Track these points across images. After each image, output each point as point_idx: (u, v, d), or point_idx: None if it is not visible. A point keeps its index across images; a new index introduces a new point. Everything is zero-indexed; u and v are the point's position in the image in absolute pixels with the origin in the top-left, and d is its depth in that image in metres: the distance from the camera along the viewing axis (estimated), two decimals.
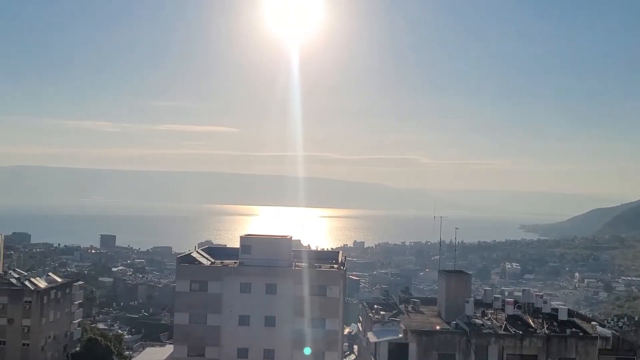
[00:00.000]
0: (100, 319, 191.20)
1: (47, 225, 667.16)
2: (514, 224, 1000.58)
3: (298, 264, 76.72)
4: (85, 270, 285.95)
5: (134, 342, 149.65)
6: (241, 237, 78.52)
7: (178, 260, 77.46)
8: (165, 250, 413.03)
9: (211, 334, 71.70)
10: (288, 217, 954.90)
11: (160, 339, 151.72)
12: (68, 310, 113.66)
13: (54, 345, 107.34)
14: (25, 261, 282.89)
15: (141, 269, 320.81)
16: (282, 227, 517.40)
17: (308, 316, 71.10)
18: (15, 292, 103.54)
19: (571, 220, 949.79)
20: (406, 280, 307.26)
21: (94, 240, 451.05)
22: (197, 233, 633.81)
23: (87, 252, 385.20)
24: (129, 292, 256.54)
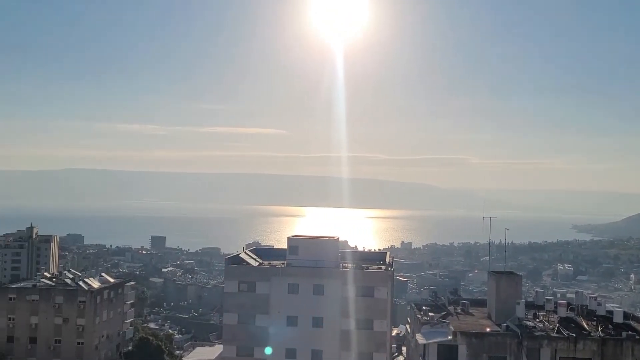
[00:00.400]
0: (151, 318, 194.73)
1: (99, 227, 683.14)
2: (566, 224, 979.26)
3: (345, 265, 76.53)
4: (136, 271, 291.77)
5: (184, 342, 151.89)
6: (288, 238, 78.66)
7: (226, 261, 78.10)
8: (214, 251, 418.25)
9: (259, 335, 71.85)
10: (334, 218, 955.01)
11: (209, 339, 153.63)
12: (120, 310, 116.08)
13: (107, 344, 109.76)
14: (79, 262, 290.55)
15: (190, 270, 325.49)
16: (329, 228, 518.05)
17: (356, 317, 70.78)
18: (70, 292, 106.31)
19: (625, 220, 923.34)
20: (455, 282, 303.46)
21: (145, 241, 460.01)
22: (245, 234, 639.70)
23: (138, 253, 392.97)
24: (179, 292, 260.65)
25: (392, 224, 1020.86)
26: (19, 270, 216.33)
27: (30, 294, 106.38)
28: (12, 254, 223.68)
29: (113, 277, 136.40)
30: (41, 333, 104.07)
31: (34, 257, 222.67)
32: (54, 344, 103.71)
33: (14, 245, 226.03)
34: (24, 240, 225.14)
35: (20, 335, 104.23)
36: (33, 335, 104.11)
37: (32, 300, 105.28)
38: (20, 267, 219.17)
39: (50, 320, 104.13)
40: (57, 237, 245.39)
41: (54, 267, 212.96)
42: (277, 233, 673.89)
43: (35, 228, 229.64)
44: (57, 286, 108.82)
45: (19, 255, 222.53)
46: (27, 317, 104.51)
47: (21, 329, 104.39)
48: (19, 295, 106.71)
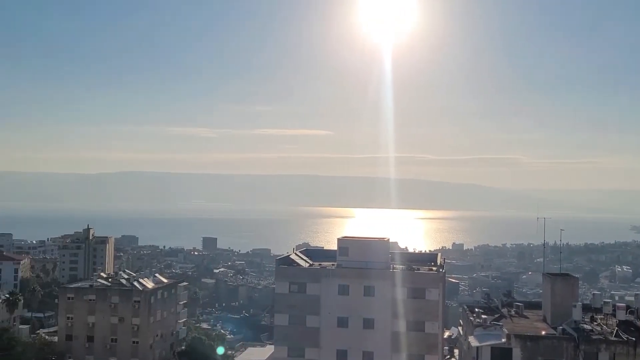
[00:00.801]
0: (203, 318, 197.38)
1: (152, 228, 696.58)
2: (625, 225, 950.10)
3: (396, 266, 76.07)
4: (188, 272, 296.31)
5: (235, 342, 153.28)
6: (338, 239, 78.58)
7: (277, 262, 78.55)
8: (264, 252, 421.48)
9: (310, 336, 72.12)
10: (383, 219, 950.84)
11: (260, 339, 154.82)
12: (174, 309, 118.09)
13: (161, 343, 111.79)
14: (134, 262, 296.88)
15: (241, 271, 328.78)
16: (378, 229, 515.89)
17: (407, 319, 70.28)
18: (125, 292, 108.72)
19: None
20: (508, 283, 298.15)
21: (197, 242, 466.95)
22: (295, 235, 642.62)
23: (190, 254, 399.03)
24: (230, 293, 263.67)
25: (443, 225, 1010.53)
26: (77, 271, 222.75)
27: (88, 293, 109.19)
28: (70, 254, 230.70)
29: (166, 277, 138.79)
30: (98, 332, 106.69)
31: (90, 258, 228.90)
32: (110, 342, 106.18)
33: (71, 246, 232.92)
34: (81, 242, 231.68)
35: (78, 333, 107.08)
36: (90, 334, 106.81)
37: (89, 300, 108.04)
38: (77, 268, 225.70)
39: (107, 320, 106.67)
40: (112, 238, 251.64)
41: (109, 268, 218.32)
42: (326, 234, 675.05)
43: (92, 230, 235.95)
44: (112, 286, 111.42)
45: (77, 256, 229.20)
46: (85, 316, 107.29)
47: (79, 327, 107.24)
48: (77, 295, 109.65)
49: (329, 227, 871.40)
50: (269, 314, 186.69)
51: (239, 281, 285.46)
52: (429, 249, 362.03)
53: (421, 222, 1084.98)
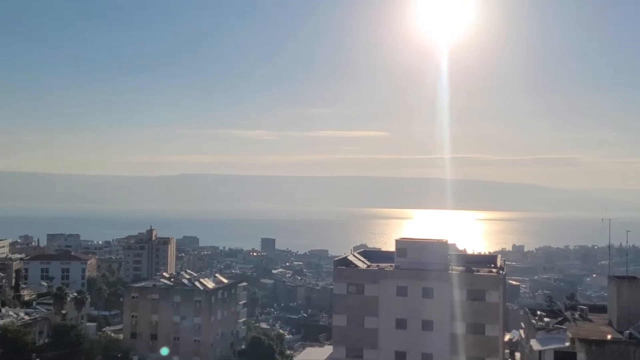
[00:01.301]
0: (262, 318, 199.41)
1: (213, 229, 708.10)
2: None
3: (455, 267, 75.38)
4: (247, 272, 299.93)
5: (294, 342, 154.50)
6: (396, 240, 78.34)
7: (335, 263, 78.81)
8: (322, 253, 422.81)
9: (369, 337, 72.21)
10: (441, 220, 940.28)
11: (319, 339, 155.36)
12: (234, 309, 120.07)
13: (221, 342, 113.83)
14: (195, 263, 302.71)
15: (299, 271, 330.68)
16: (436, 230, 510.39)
17: (467, 321, 69.60)
18: (187, 291, 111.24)
19: None
20: (571, 286, 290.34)
21: (256, 243, 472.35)
22: (352, 236, 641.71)
23: (249, 254, 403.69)
24: (289, 293, 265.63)
25: (502, 227, 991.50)
26: (140, 270, 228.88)
27: (151, 293, 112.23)
28: (134, 255, 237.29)
29: (226, 277, 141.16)
30: (161, 330, 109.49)
31: (153, 258, 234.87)
32: (172, 341, 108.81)
33: (135, 247, 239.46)
34: (144, 242, 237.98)
35: (142, 332, 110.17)
36: (154, 332, 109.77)
37: (152, 299, 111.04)
38: (141, 268, 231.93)
39: (169, 318, 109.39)
40: (174, 239, 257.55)
41: (171, 268, 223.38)
42: (383, 235, 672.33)
43: (155, 230, 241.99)
44: (175, 286, 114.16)
45: (140, 256, 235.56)
46: (149, 315, 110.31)
47: (143, 326, 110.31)
48: (141, 294, 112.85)
49: (386, 228, 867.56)
50: (327, 314, 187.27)
51: (297, 282, 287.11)
52: (488, 251, 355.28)
53: (480, 223, 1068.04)
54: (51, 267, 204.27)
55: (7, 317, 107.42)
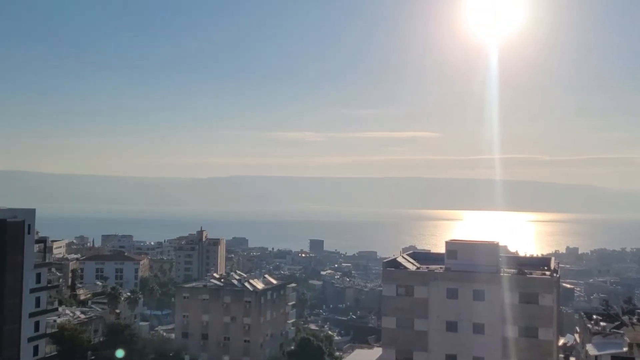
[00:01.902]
0: (311, 320, 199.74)
1: (262, 230, 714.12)
2: None
3: (506, 270, 73.98)
4: (296, 273, 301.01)
5: (343, 344, 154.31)
6: (446, 242, 77.47)
7: (384, 265, 78.33)
8: (371, 255, 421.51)
9: (418, 339, 71.47)
10: (493, 221, 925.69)
11: (368, 341, 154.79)
12: (283, 310, 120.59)
13: (271, 342, 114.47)
14: (244, 264, 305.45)
15: (348, 273, 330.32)
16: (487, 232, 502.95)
17: (519, 324, 68.19)
18: (237, 292, 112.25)
19: None
20: (628, 290, 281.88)
21: (304, 244, 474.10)
22: (401, 238, 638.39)
23: (298, 255, 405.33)
24: (337, 295, 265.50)
25: (556, 228, 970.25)
26: (191, 271, 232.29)
27: (202, 293, 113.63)
28: (184, 255, 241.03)
29: (275, 278, 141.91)
30: (212, 330, 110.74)
31: (203, 259, 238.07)
32: (223, 341, 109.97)
33: (186, 247, 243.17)
34: (195, 243, 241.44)
35: (193, 331, 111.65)
36: (205, 332, 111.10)
37: (203, 299, 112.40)
38: (192, 268, 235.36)
39: (220, 319, 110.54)
40: (224, 240, 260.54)
41: (221, 269, 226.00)
42: (433, 237, 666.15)
43: (205, 232, 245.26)
44: (225, 286, 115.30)
45: (191, 257, 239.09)
46: (199, 315, 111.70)
47: (194, 326, 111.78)
48: (192, 295, 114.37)
49: (435, 230, 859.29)
50: (376, 316, 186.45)
51: (346, 283, 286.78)
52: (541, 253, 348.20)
53: (531, 225, 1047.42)
54: (105, 267, 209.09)
55: (64, 315, 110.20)
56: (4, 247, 73.99)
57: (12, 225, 75.24)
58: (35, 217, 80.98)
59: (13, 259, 75.40)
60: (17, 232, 76.26)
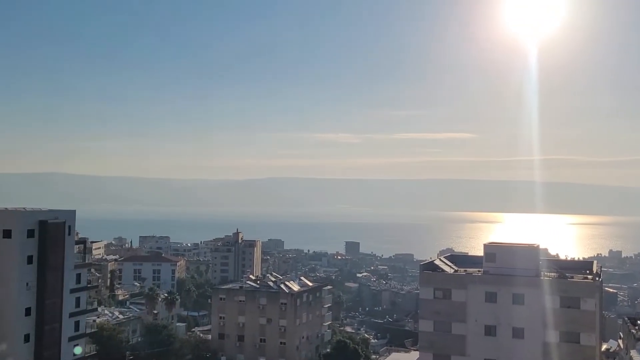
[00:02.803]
0: (347, 322, 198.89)
1: (297, 232, 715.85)
2: None
3: (547, 273, 72.46)
4: (332, 276, 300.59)
5: (379, 347, 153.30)
6: (485, 245, 76.30)
7: (421, 268, 77.64)
8: (407, 258, 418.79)
9: (456, 343, 70.55)
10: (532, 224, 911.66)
11: (405, 344, 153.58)
12: (318, 312, 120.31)
13: (307, 345, 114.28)
14: (280, 266, 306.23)
15: (384, 275, 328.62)
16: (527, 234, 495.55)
17: (560, 329, 66.85)
18: (273, 294, 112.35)
19: None
20: None
21: (340, 246, 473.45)
22: (438, 241, 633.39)
23: (333, 258, 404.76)
24: (374, 297, 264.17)
25: (598, 231, 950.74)
26: (227, 272, 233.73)
27: (238, 295, 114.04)
28: (221, 257, 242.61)
29: (311, 281, 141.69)
30: (248, 332, 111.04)
31: (239, 260, 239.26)
32: (259, 342, 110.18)
33: (222, 249, 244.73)
34: (231, 245, 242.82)
35: (230, 332, 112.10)
36: (241, 334, 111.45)
37: (239, 301, 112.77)
38: (228, 269, 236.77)
39: (256, 320, 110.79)
40: (259, 241, 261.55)
41: (257, 270, 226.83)
42: (471, 239, 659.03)
43: (241, 233, 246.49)
44: (261, 288, 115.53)
45: (227, 259, 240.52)
46: (236, 316, 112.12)
47: (230, 327, 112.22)
48: (228, 296, 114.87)
49: (473, 232, 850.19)
50: (413, 319, 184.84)
51: (382, 286, 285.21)
52: (583, 257, 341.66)
53: (572, 227, 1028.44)
54: (143, 268, 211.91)
55: (103, 315, 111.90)
56: (45, 248, 75.14)
57: (53, 226, 76.40)
58: (75, 218, 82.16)
59: (54, 260, 76.53)
60: (58, 233, 77.36)
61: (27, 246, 73.73)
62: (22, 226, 73.52)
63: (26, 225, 73.95)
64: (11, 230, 72.93)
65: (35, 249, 74.52)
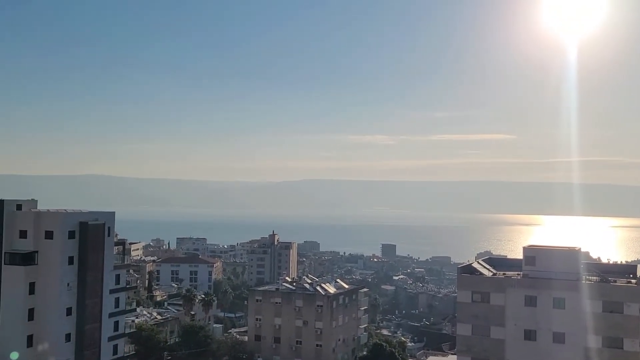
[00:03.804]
0: (383, 325, 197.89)
1: (333, 234, 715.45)
2: None
3: (589, 277, 70.93)
4: (368, 278, 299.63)
5: (416, 350, 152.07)
6: (524, 247, 75.19)
7: (459, 270, 76.84)
8: (444, 260, 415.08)
9: (495, 347, 69.69)
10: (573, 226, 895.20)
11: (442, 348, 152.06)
12: (355, 315, 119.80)
13: (343, 347, 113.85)
14: (315, 268, 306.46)
15: (421, 278, 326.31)
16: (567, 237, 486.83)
17: (602, 335, 65.50)
18: (309, 296, 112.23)
19: None
20: None
21: (376, 249, 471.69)
22: (476, 243, 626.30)
23: (369, 260, 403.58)
24: (410, 300, 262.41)
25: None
26: (263, 274, 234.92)
27: (274, 297, 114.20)
28: (257, 259, 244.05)
29: (347, 283, 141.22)
30: (284, 334, 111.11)
31: (275, 262, 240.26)
32: (295, 344, 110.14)
33: (258, 251, 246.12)
34: (267, 247, 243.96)
35: (266, 334, 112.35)
36: (277, 335, 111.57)
37: (275, 303, 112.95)
38: (264, 271, 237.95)
39: (292, 322, 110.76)
40: (295, 243, 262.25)
41: (292, 272, 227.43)
42: (510, 242, 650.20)
43: (277, 235, 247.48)
44: (297, 290, 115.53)
45: (263, 260, 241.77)
46: (272, 318, 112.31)
47: (267, 329, 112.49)
48: (264, 298, 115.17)
49: (512, 235, 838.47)
50: (450, 322, 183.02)
51: (419, 289, 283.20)
52: (626, 260, 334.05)
53: (615, 230, 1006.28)
54: (180, 269, 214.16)
55: (141, 316, 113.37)
56: (86, 249, 76.45)
57: (93, 227, 77.67)
58: (114, 219, 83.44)
59: (94, 261, 77.82)
60: (98, 234, 78.67)
61: (68, 247, 75.16)
62: (63, 227, 75.00)
63: (67, 227, 75.42)
64: (53, 232, 74.50)
65: (76, 249, 75.92)
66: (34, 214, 76.39)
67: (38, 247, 74.14)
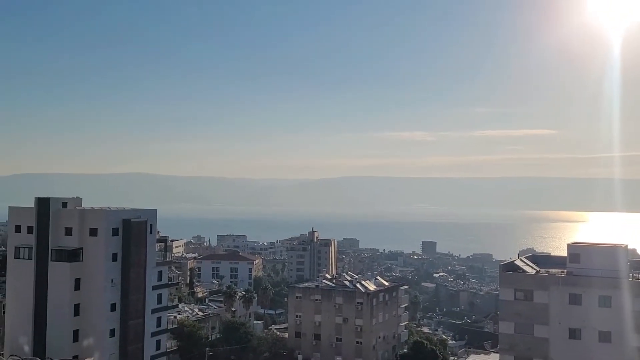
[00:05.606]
0: (424, 323, 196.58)
1: (373, 231, 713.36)
2: None
3: (636, 275, 69.18)
4: (408, 275, 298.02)
5: (458, 348, 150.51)
6: (569, 245, 73.83)
7: (501, 268, 75.90)
8: (486, 258, 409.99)
9: (539, 346, 68.58)
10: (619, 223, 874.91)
11: (484, 346, 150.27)
12: (395, 312, 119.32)
13: (383, 345, 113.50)
14: (355, 265, 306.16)
15: (462, 276, 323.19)
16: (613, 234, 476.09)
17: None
18: (349, 293, 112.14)
19: None
20: None
21: (416, 246, 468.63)
22: (518, 240, 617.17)
23: (409, 257, 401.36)
24: (451, 298, 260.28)
25: None
26: (303, 271, 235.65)
27: (314, 294, 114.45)
28: (296, 256, 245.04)
29: (387, 280, 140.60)
30: (324, 331, 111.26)
31: (315, 259, 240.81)
32: (335, 341, 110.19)
33: (298, 248, 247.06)
34: (306, 244, 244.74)
35: (306, 331, 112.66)
36: (317, 332, 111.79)
37: (315, 300, 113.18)
38: (303, 268, 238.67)
39: (332, 319, 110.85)
40: (334, 241, 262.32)
41: (332, 269, 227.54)
42: (553, 239, 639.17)
43: (316, 232, 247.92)
44: (336, 287, 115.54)
45: (303, 257, 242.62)
46: (312, 315, 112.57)
47: (307, 325, 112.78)
48: (304, 295, 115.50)
49: (555, 232, 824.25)
50: (492, 320, 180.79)
51: (460, 286, 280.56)
52: None
53: None
54: (221, 266, 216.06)
55: (183, 312, 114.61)
56: (129, 246, 77.75)
57: (136, 224, 78.92)
58: (156, 217, 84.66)
59: (137, 257, 79.07)
60: (141, 231, 79.91)
61: (112, 244, 76.56)
62: (107, 225, 76.43)
63: (111, 224, 76.84)
64: (97, 229, 76.00)
65: (119, 246, 77.28)
66: (79, 211, 78.04)
67: (83, 244, 75.75)
